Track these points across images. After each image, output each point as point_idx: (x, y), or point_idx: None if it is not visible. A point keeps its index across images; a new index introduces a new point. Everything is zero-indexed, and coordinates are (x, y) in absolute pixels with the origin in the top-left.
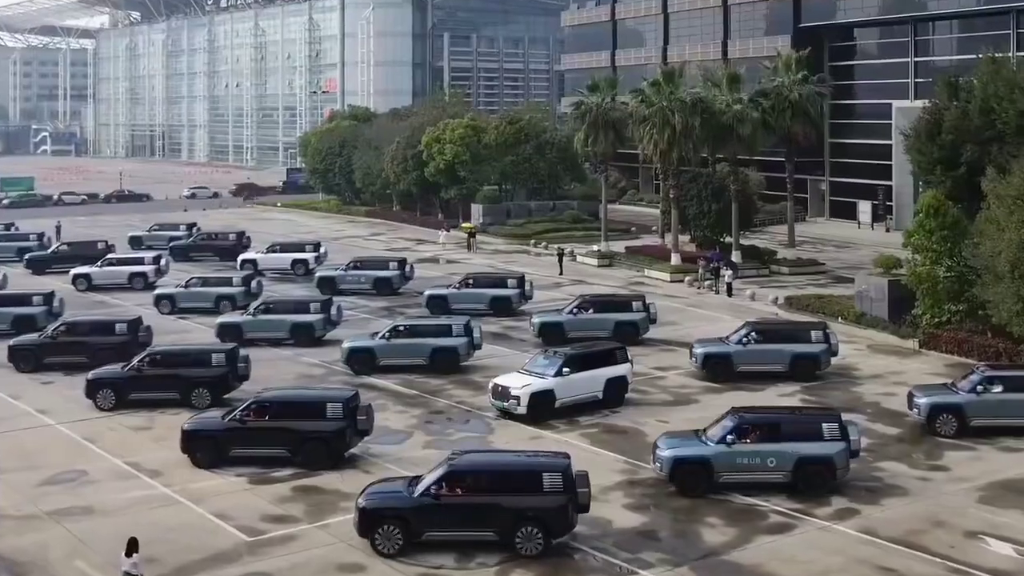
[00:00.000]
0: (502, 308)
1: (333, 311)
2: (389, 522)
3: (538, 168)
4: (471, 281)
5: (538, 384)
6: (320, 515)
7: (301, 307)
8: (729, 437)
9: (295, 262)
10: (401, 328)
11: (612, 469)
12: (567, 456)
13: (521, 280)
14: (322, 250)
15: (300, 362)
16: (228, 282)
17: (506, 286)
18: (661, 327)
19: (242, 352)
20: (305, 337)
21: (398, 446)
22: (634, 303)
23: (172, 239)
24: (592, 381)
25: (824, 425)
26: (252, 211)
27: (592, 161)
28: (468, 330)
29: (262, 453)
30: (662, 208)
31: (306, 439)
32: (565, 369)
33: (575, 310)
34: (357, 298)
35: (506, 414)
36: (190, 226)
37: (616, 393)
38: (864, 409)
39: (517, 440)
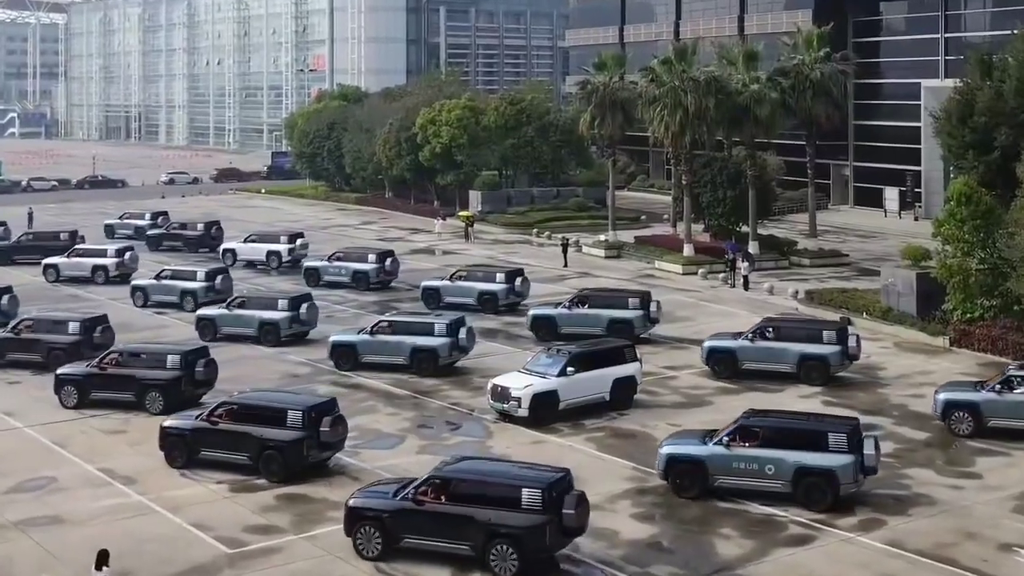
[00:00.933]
0: (489, 304)
1: (303, 309)
2: (369, 523)
3: (541, 152)
4: (462, 274)
5: (540, 385)
6: (306, 525)
7: (270, 304)
8: (726, 438)
9: (269, 253)
10: (385, 324)
11: (619, 476)
12: (566, 472)
13: (512, 274)
14: (298, 242)
15: (286, 360)
16: (192, 276)
17: (494, 280)
18: (673, 323)
19: (208, 355)
20: (271, 336)
21: (390, 451)
22: (631, 300)
23: (137, 229)
24: (598, 381)
25: (831, 435)
26: (234, 198)
27: (599, 145)
28: (453, 329)
29: (227, 458)
30: (674, 195)
31: (265, 447)
32: (569, 368)
33: (570, 304)
34: (348, 291)
35: (506, 417)
36: (157, 215)
37: (624, 394)
38: (890, 412)
39: (518, 445)
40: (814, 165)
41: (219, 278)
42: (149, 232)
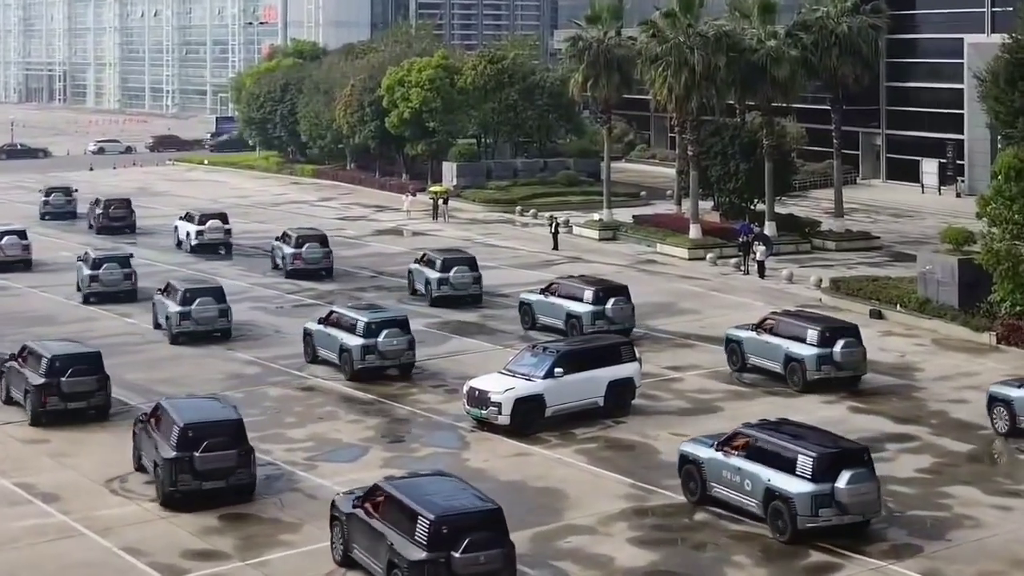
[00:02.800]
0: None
1: (196, 306)
2: (335, 523)
3: (525, 118)
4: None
5: (524, 388)
6: (254, 550)
7: (171, 295)
8: (719, 443)
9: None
10: (332, 315)
11: (615, 494)
12: (492, 504)
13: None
14: (209, 223)
15: (234, 359)
16: (86, 262)
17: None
18: (677, 316)
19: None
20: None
21: (351, 464)
22: (587, 292)
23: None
24: (591, 384)
25: (799, 457)
26: (172, 170)
27: (592, 109)
28: (372, 331)
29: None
30: (678, 168)
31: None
32: (557, 369)
33: (542, 292)
34: (307, 280)
35: (485, 425)
36: (53, 190)
37: (621, 399)
38: (927, 420)
39: (497, 458)
40: (840, 133)
41: (104, 267)
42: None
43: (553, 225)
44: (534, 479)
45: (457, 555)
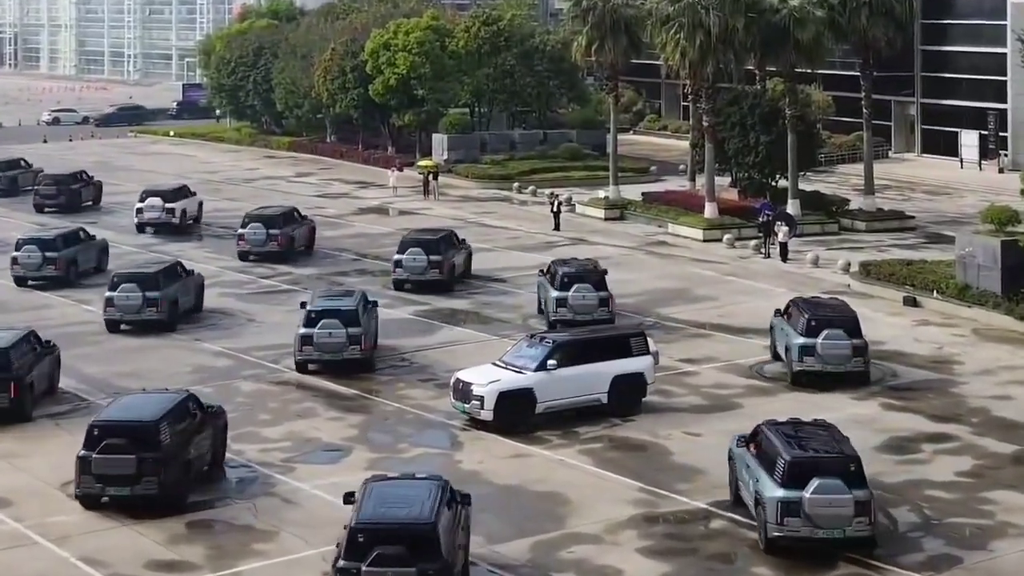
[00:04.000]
0: None
1: (155, 293)
2: None
3: (523, 85)
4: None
5: (510, 381)
6: (226, 560)
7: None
8: (745, 440)
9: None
10: (304, 304)
11: (623, 499)
12: (423, 520)
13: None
14: (147, 201)
15: (202, 350)
16: (14, 245)
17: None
18: (691, 304)
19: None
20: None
21: (332, 466)
22: (557, 276)
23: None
24: (592, 379)
25: (777, 460)
26: (135, 142)
27: (597, 76)
28: (312, 320)
29: None
30: (692, 140)
31: None
32: (551, 361)
33: (542, 273)
34: (282, 264)
35: (478, 421)
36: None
37: (628, 396)
38: (967, 419)
39: (493, 459)
40: (870, 102)
41: (24, 249)
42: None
43: (554, 203)
44: (534, 482)
45: (364, 568)
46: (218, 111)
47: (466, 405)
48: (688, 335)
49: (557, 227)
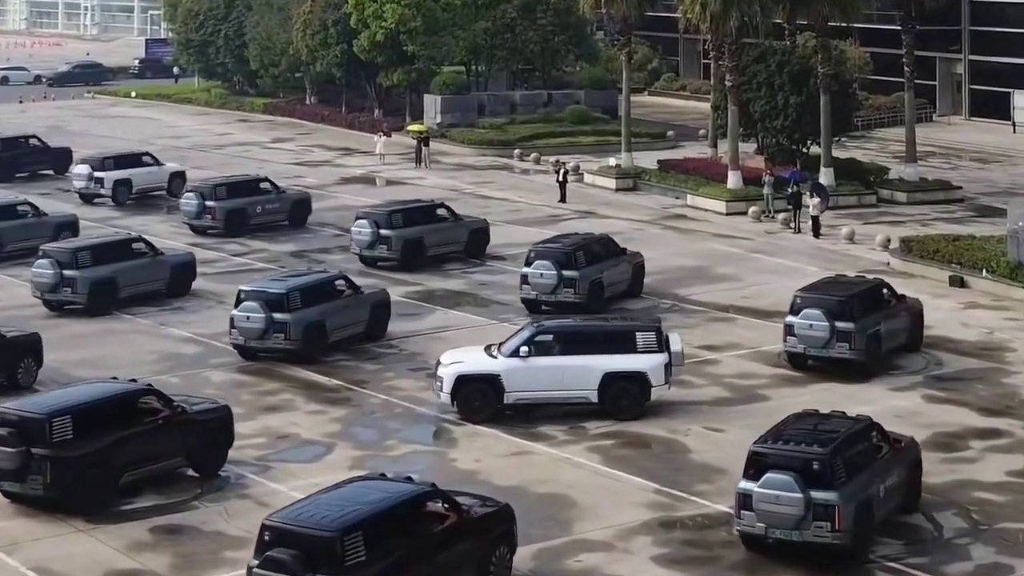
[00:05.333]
0: None
1: (76, 273)
2: None
3: (526, 40)
4: None
5: (474, 365)
6: (193, 570)
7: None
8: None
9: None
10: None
11: (636, 501)
12: (327, 531)
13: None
14: (77, 169)
15: (168, 336)
16: None
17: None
18: (712, 284)
19: None
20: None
21: (312, 464)
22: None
23: None
24: (576, 373)
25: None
26: (93, 104)
27: (608, 30)
28: (240, 300)
29: None
30: (714, 102)
31: None
32: (524, 348)
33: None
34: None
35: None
36: None
37: (624, 398)
38: (1020, 411)
39: (492, 457)
40: (913, 60)
41: None
42: None
43: (560, 172)
44: (537, 483)
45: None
46: (176, 70)
47: (435, 385)
48: (709, 319)
49: (563, 199)
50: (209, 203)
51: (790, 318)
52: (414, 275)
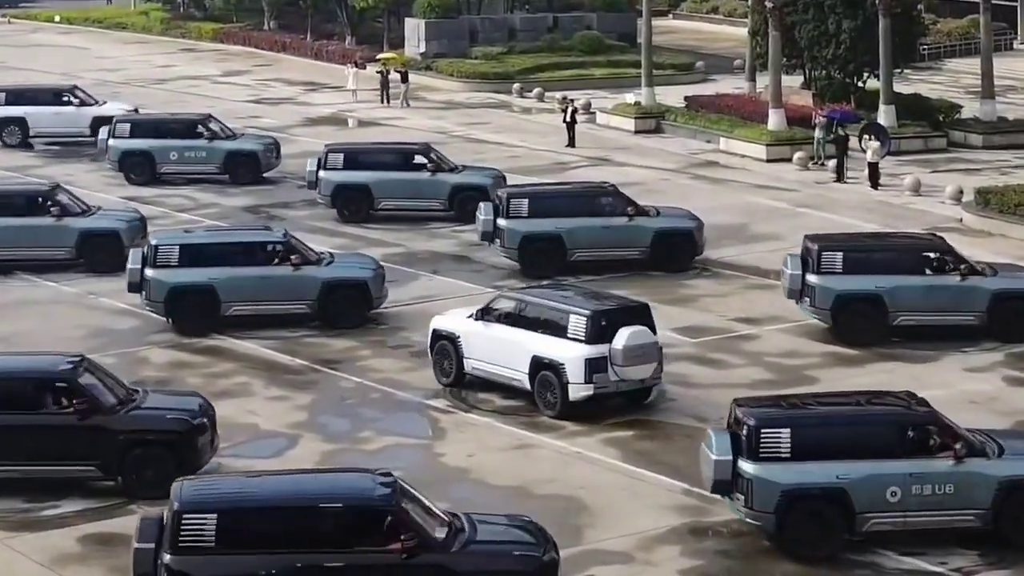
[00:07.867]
0: None
1: None
2: None
3: None
4: None
5: (437, 323)
6: None
7: None
8: None
9: None
10: None
11: (661, 503)
12: None
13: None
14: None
15: (98, 307)
16: None
17: None
18: (751, 244)
19: None
20: None
21: (273, 459)
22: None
23: None
24: (511, 351)
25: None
26: (9, 31)
27: None
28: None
29: None
30: (751, 27)
31: None
32: (485, 316)
33: None
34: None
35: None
36: None
37: (547, 390)
38: None
39: (487, 451)
40: None
41: None
42: None
43: (567, 111)
44: (542, 483)
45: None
46: None
47: None
48: (746, 286)
49: (571, 142)
50: (110, 142)
51: None
52: (395, 235)
